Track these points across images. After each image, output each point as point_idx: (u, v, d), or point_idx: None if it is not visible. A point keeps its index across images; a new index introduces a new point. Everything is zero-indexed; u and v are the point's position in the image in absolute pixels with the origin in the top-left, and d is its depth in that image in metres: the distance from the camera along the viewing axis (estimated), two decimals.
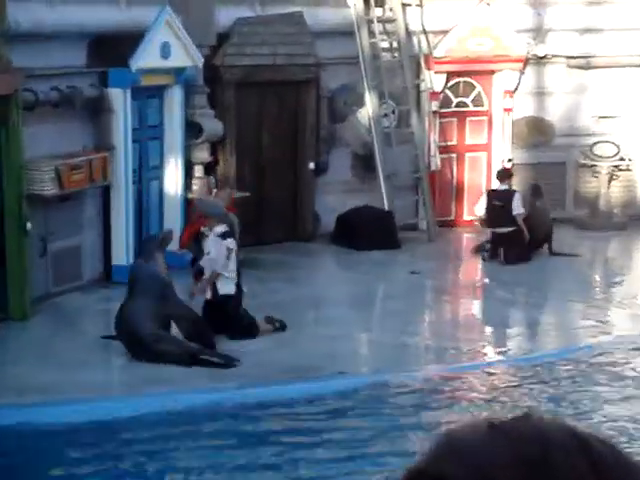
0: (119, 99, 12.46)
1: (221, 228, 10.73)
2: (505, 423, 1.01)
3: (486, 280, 13.61)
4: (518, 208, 13.89)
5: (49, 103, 11.91)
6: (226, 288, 10.60)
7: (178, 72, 13.25)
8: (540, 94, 16.61)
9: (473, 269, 14.09)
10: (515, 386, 9.72)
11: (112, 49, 12.44)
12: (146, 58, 12.60)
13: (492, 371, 10.07)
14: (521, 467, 0.96)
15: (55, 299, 11.95)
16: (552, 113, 16.63)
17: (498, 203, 13.89)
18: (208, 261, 10.62)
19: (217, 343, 10.19)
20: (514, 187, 14.57)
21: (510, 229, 13.86)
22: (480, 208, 14.25)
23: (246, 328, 10.52)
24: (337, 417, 8.88)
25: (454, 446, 0.99)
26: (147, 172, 13.44)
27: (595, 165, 16.58)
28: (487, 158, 16.59)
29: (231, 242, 10.63)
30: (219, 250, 10.57)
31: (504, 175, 14.40)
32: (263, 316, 10.83)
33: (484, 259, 14.11)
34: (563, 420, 1.04)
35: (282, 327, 10.82)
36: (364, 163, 15.63)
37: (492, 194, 14.12)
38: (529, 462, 0.97)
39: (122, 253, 12.75)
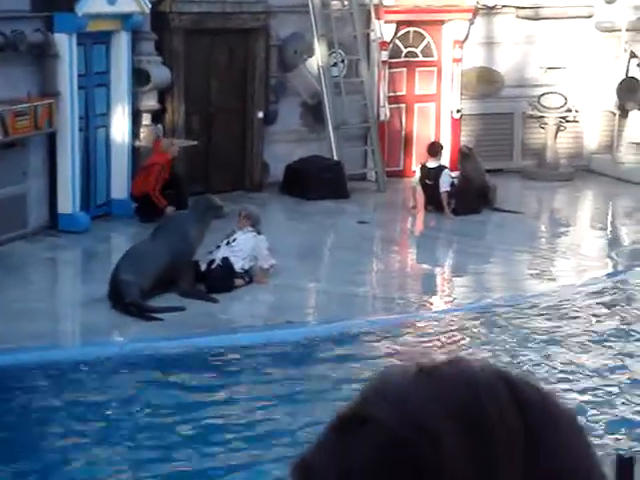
0: (64, 44, 12.28)
1: (251, 227, 10.86)
2: (434, 367, 1.02)
3: (434, 231, 13.68)
4: (444, 185, 13.93)
5: None
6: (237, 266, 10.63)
7: (125, 18, 13.08)
8: (489, 44, 16.63)
9: (421, 219, 14.16)
10: (459, 334, 9.85)
11: None
12: (92, 3, 12.42)
13: (438, 319, 10.17)
14: (448, 409, 0.98)
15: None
16: (501, 64, 16.68)
17: (429, 182, 13.93)
18: (243, 255, 10.62)
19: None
20: (442, 162, 14.53)
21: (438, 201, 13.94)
22: (415, 180, 14.21)
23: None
24: (281, 366, 8.92)
25: (382, 389, 1.00)
26: (94, 119, 13.30)
27: (542, 116, 16.69)
28: (436, 108, 16.61)
29: (264, 237, 10.85)
30: (258, 246, 10.70)
31: (434, 150, 14.32)
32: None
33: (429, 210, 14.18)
34: (492, 364, 1.05)
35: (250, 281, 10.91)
36: (313, 112, 15.59)
37: (423, 172, 14.11)
38: (457, 405, 0.98)
39: (68, 201, 12.65)
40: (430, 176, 13.96)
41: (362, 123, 15.68)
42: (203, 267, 10.65)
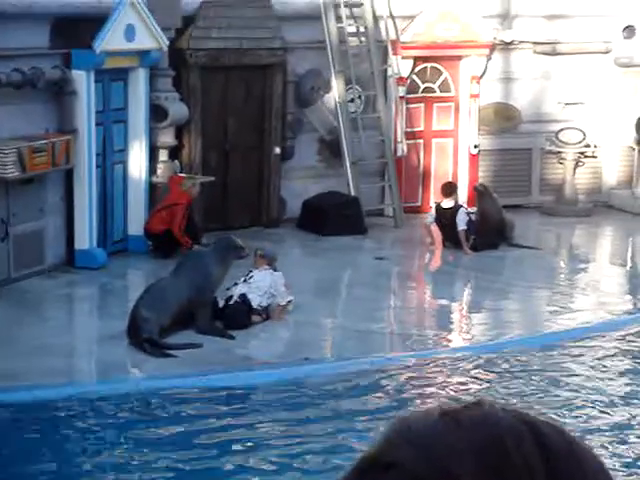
0: (82, 81, 12.37)
1: (267, 265, 10.94)
2: (457, 410, 1.02)
3: (452, 267, 13.66)
4: (461, 224, 13.94)
5: (11, 85, 11.81)
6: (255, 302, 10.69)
7: (143, 55, 13.18)
8: (507, 80, 16.67)
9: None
10: (478, 373, 9.78)
11: (76, 30, 12.35)
12: (110, 40, 12.52)
13: (456, 357, 10.12)
14: (473, 453, 0.98)
15: (16, 284, 11.87)
16: (518, 99, 16.70)
17: (445, 222, 13.94)
18: (260, 292, 10.69)
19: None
20: (459, 202, 14.57)
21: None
22: (430, 220, 14.21)
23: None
24: (301, 404, 8.89)
25: (406, 433, 1.00)
26: (111, 156, 13.37)
27: (561, 152, 16.68)
28: (454, 144, 16.63)
29: (280, 274, 10.94)
30: (275, 282, 10.78)
31: (449, 190, 14.36)
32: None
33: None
34: (515, 407, 1.06)
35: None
36: (330, 148, 15.62)
37: (439, 211, 14.14)
38: (482, 450, 0.98)
39: (85, 238, 12.69)
40: (446, 216, 13.97)
41: (379, 159, 15.70)
42: (221, 303, 10.66)
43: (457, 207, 14.17)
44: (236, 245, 10.90)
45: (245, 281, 10.78)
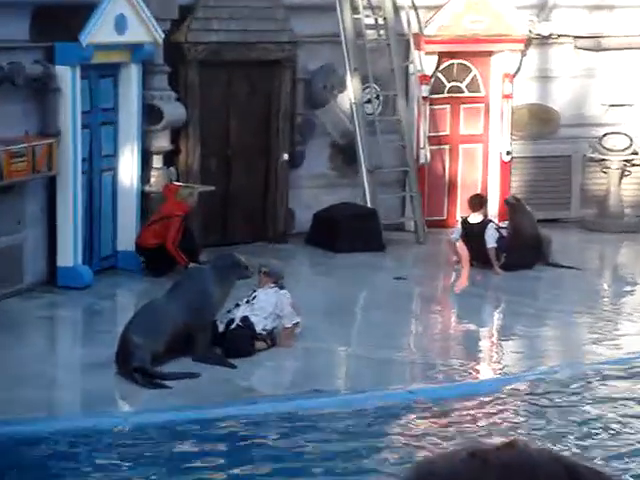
0: (67, 78, 12.41)
1: (272, 284, 10.99)
2: (487, 452, 1.02)
3: (480, 289, 13.65)
4: (491, 241, 13.94)
5: None
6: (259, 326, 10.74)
7: (135, 49, 13.23)
8: (544, 79, 16.68)
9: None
10: (510, 408, 9.76)
11: (60, 21, 12.39)
12: (98, 32, 12.58)
13: (486, 391, 10.10)
14: None
15: None
16: (557, 100, 16.71)
17: (473, 239, 13.93)
18: (264, 313, 10.74)
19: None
20: (488, 216, 14.62)
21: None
22: (455, 236, 14.21)
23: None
24: (308, 440, 8.88)
25: (429, 477, 1.00)
26: (99, 162, 13.41)
27: (605, 159, 16.67)
28: (483, 150, 16.65)
29: (286, 292, 10.98)
30: (281, 301, 10.83)
31: (477, 203, 14.36)
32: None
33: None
34: (550, 448, 1.05)
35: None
36: (344, 154, 15.65)
37: (466, 226, 14.15)
38: None
39: (69, 254, 12.72)
40: (474, 232, 13.97)
41: (399, 167, 15.71)
42: (221, 328, 10.67)
43: (486, 222, 14.17)
44: (239, 263, 10.90)
45: (248, 302, 10.79)
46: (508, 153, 16.52)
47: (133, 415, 9.21)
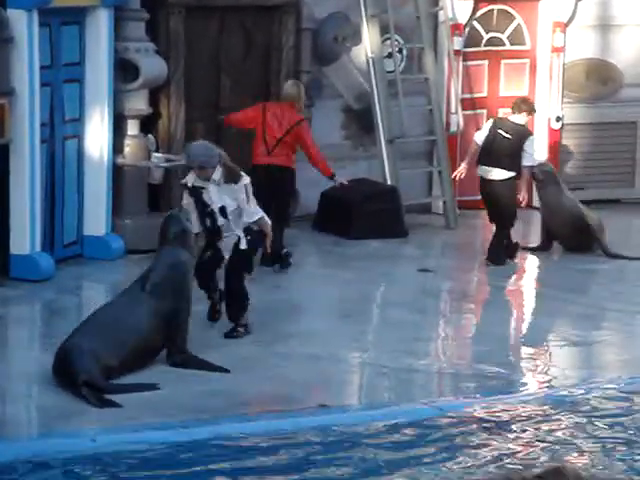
0: (22, 24, 12.42)
1: (218, 174, 11.26)
2: None
3: (523, 282, 13.66)
4: (529, 157, 13.67)
5: None
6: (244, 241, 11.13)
7: None
8: (603, 28, 16.66)
9: (504, 267, 14.10)
10: (559, 426, 9.74)
11: None
12: None
13: (527, 406, 10.09)
14: None
15: None
16: (620, 55, 16.71)
17: (505, 135, 13.64)
18: (232, 214, 11.15)
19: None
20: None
21: (505, 177, 13.60)
22: (479, 137, 13.98)
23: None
24: (314, 463, 8.84)
25: None
26: (61, 127, 13.43)
27: None
28: None
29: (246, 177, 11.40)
30: (238, 196, 11.17)
31: (523, 106, 13.95)
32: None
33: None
34: (602, 472, 0.96)
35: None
36: (359, 121, 15.67)
37: (499, 122, 13.94)
38: None
39: (25, 239, 12.75)
40: (509, 129, 13.69)
41: (426, 136, 15.71)
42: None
43: (529, 131, 13.91)
44: (183, 225, 10.91)
45: (212, 214, 11.13)
46: (558, 119, 16.51)
47: (101, 435, 9.18)
